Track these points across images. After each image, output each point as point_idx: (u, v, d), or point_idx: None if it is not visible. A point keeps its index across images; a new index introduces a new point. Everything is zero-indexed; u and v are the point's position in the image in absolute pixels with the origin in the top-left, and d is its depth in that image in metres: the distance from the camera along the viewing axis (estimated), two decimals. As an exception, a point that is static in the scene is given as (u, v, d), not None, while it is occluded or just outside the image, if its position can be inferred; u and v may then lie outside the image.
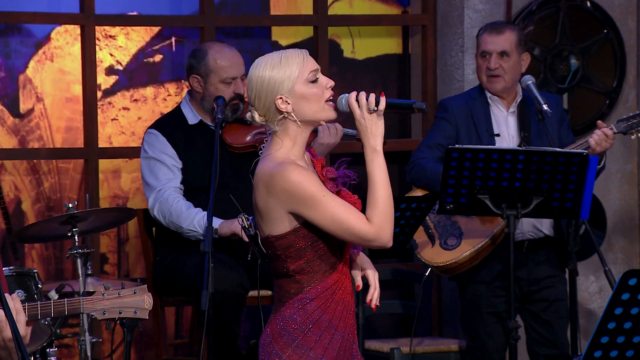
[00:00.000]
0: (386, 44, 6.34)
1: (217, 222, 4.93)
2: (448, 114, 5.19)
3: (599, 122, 5.10)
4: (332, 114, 3.36)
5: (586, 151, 4.74)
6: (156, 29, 6.05)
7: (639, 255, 6.20)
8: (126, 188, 5.99)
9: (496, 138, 5.11)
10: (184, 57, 6.09)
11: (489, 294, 5.12)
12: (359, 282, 3.48)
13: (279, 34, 6.22)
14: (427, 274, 5.26)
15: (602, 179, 5.28)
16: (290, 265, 3.36)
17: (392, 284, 6.16)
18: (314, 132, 5.19)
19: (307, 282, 3.35)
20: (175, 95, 6.06)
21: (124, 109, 6.00)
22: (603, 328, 3.12)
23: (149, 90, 6.04)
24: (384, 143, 3.36)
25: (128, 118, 5.99)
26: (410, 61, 6.31)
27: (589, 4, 6.13)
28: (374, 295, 3.44)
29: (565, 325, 5.13)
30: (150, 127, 5.19)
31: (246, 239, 4.88)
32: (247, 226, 3.40)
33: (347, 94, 3.37)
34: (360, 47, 6.30)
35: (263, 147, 3.23)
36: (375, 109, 3.33)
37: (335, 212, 3.27)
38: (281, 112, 3.34)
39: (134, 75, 6.02)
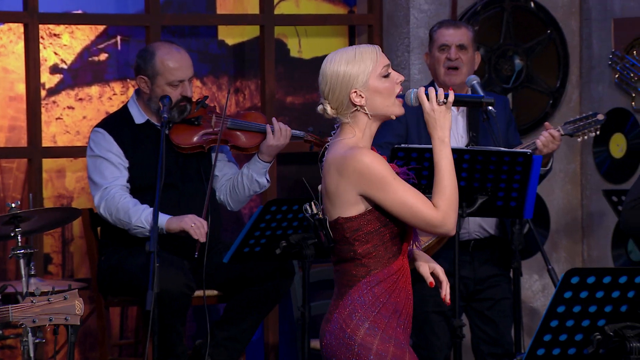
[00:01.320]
0: (333, 44, 6.34)
1: (164, 218, 4.92)
2: (398, 113, 5.20)
3: (547, 123, 5.14)
4: (402, 109, 3.49)
5: (530, 150, 4.78)
6: (101, 28, 6.01)
7: (582, 254, 6.26)
8: (71, 188, 5.94)
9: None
10: (130, 56, 6.05)
11: (434, 293, 5.12)
12: (430, 278, 3.58)
13: (225, 33, 6.21)
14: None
15: (546, 179, 5.32)
16: (357, 249, 3.43)
17: (338, 283, 6.16)
18: (263, 134, 5.19)
19: (373, 266, 3.44)
20: (121, 94, 6.02)
21: (69, 108, 5.95)
22: (546, 326, 3.15)
23: (94, 89, 5.99)
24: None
25: (73, 117, 5.95)
26: (356, 61, 6.31)
27: (532, 4, 6.18)
28: (447, 290, 3.55)
29: (509, 323, 5.16)
30: (97, 125, 5.16)
31: (195, 237, 4.91)
32: (316, 211, 3.46)
33: (415, 89, 3.50)
34: (307, 46, 6.30)
35: (210, 148, 3.21)
36: (444, 101, 3.44)
37: (405, 195, 3.38)
38: (354, 106, 3.45)
39: (79, 74, 5.97)
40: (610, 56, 6.00)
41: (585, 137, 5.11)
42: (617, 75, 5.99)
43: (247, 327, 5.13)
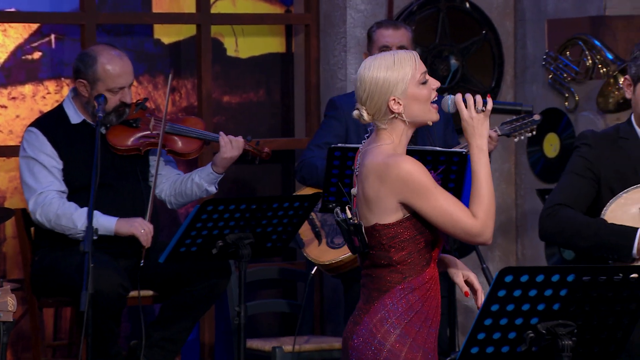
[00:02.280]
0: (269, 43, 6.34)
1: (113, 221, 4.89)
2: (337, 113, 5.22)
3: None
4: (437, 116, 3.46)
5: (465, 150, 4.81)
6: (35, 26, 5.94)
7: (516, 253, 6.31)
8: (3, 187, 5.87)
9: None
10: (64, 55, 5.99)
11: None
12: (465, 287, 3.56)
13: (161, 32, 6.17)
14: (312, 272, 5.28)
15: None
16: (393, 256, 3.42)
17: (274, 282, 6.16)
18: (201, 141, 5.18)
19: (408, 273, 3.43)
20: (55, 93, 5.96)
21: (1, 107, 5.88)
22: (480, 325, 3.16)
23: (27, 88, 5.93)
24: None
25: (5, 116, 5.88)
26: (293, 60, 6.32)
27: (468, 5, 6.22)
28: (482, 297, 3.50)
29: (444, 322, 5.19)
30: (31, 125, 5.11)
31: (144, 244, 4.89)
32: (350, 217, 3.44)
33: (451, 95, 3.46)
34: (244, 45, 6.28)
35: (147, 151, 3.17)
36: (483, 109, 3.42)
37: (445, 204, 3.37)
38: (392, 113, 3.42)
39: (12, 72, 5.90)
40: (544, 57, 6.06)
41: (522, 137, 5.16)
42: (550, 76, 6.05)
43: (183, 328, 5.11)
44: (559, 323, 3.19)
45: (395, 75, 3.40)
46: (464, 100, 3.43)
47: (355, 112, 3.46)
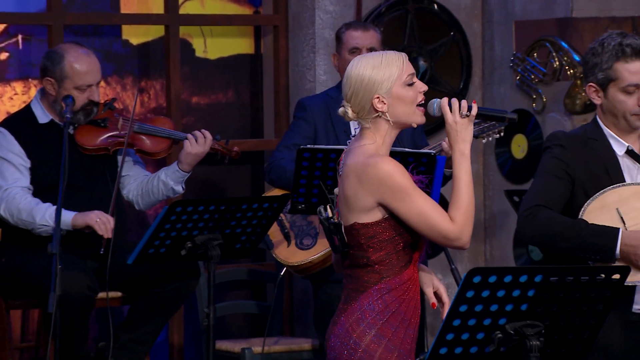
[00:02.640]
0: (238, 44, 6.33)
1: (70, 215, 4.88)
2: (306, 114, 5.22)
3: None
4: (423, 118, 3.48)
5: (434, 151, 4.82)
6: (2, 27, 5.91)
7: (485, 253, 6.34)
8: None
9: (353, 138, 5.15)
10: (31, 55, 5.96)
11: (341, 293, 5.16)
12: (433, 299, 3.59)
13: (130, 33, 6.15)
14: (282, 273, 5.28)
15: (451, 180, 5.37)
16: (371, 256, 3.43)
17: (244, 284, 6.16)
18: (170, 140, 5.17)
19: (386, 273, 3.44)
20: (23, 94, 5.93)
21: (-31, 107, 5.85)
22: (448, 325, 3.17)
23: (-6, 89, 5.90)
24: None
25: (-27, 117, 5.84)
26: (262, 61, 6.32)
27: (436, 6, 6.24)
28: (446, 311, 3.51)
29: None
30: (-2, 125, 5.10)
31: (100, 233, 4.87)
32: (331, 216, 3.45)
33: (438, 99, 3.48)
34: (213, 46, 6.27)
35: (116, 150, 3.17)
36: (468, 114, 3.44)
37: (423, 207, 3.39)
38: (376, 111, 3.44)
39: (-21, 73, 5.87)
40: (512, 58, 6.09)
41: (490, 138, 5.18)
42: (518, 77, 6.08)
43: (152, 329, 5.09)
44: (526, 323, 3.20)
45: (382, 74, 3.43)
46: (450, 105, 3.46)
47: (341, 109, 3.48)
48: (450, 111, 3.45)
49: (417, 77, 3.50)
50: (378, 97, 3.42)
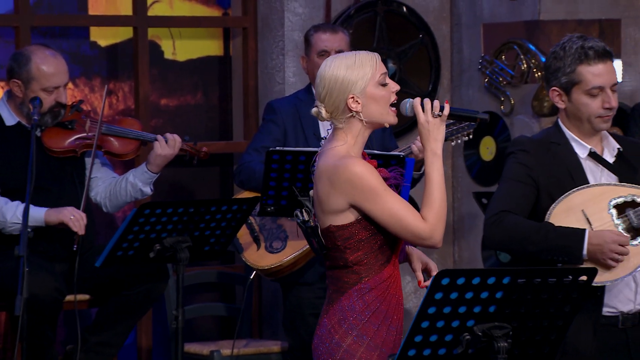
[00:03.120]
0: (207, 46, 6.32)
1: (42, 211, 4.86)
2: (276, 116, 5.22)
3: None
4: (396, 118, 3.49)
5: (403, 154, 4.83)
6: (-31, 28, 5.87)
7: (453, 255, 6.36)
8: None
9: (323, 141, 5.16)
10: (-1, 57, 5.93)
11: (312, 295, 5.16)
12: (421, 277, 3.59)
13: (98, 35, 6.13)
14: (251, 276, 5.27)
15: (419, 182, 5.39)
16: (349, 257, 3.45)
17: (213, 286, 6.15)
18: (138, 141, 5.15)
19: (365, 273, 3.46)
20: (-10, 95, 5.89)
21: None
22: (417, 327, 3.18)
23: (-39, 90, 5.86)
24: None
25: (-61, 119, 5.80)
26: (231, 63, 6.31)
27: (405, 9, 6.25)
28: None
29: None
30: (-36, 127, 5.07)
31: (75, 229, 4.85)
32: (307, 219, 3.47)
33: (410, 99, 3.50)
34: (181, 48, 6.26)
35: (83, 152, 3.17)
36: (440, 114, 3.45)
37: (394, 207, 3.40)
38: (350, 111, 3.45)
39: (-55, 74, 5.83)
40: (480, 61, 6.11)
41: (459, 140, 5.19)
42: (486, 80, 6.10)
43: (120, 332, 5.07)
44: (494, 325, 3.21)
45: (356, 74, 3.43)
46: (422, 105, 3.47)
47: (314, 110, 3.49)
48: (423, 111, 3.47)
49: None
50: (352, 97, 3.44)
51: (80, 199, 5.04)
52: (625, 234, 3.90)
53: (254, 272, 5.19)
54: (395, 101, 3.49)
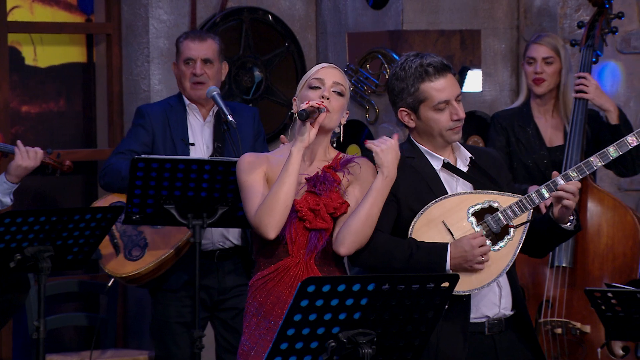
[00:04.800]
0: (70, 52, 6.23)
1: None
2: (145, 121, 5.16)
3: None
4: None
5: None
6: None
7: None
8: None
9: (191, 147, 5.13)
10: None
11: (177, 303, 5.13)
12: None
13: (-44, 39, 5.98)
14: (110, 284, 5.20)
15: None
16: (254, 248, 3.87)
17: (77, 296, 6.05)
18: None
19: (256, 268, 3.83)
20: None
21: None
22: (283, 335, 3.19)
23: None
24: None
25: None
26: (95, 70, 6.23)
27: (270, 17, 6.27)
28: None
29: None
30: None
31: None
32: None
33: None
34: (43, 55, 6.15)
35: None
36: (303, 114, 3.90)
37: (247, 197, 3.86)
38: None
39: None
40: (345, 69, 6.17)
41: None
42: (352, 88, 6.16)
43: (-21, 344, 4.96)
44: (359, 332, 3.24)
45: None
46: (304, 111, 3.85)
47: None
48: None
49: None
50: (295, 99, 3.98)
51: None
52: (483, 236, 3.95)
53: (113, 279, 5.13)
54: (318, 106, 3.88)
